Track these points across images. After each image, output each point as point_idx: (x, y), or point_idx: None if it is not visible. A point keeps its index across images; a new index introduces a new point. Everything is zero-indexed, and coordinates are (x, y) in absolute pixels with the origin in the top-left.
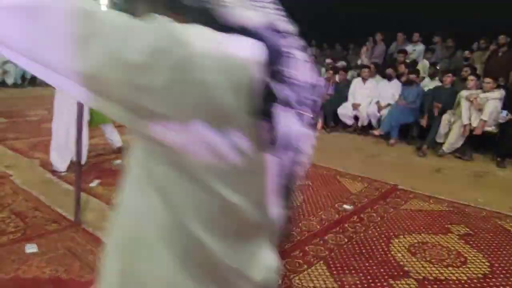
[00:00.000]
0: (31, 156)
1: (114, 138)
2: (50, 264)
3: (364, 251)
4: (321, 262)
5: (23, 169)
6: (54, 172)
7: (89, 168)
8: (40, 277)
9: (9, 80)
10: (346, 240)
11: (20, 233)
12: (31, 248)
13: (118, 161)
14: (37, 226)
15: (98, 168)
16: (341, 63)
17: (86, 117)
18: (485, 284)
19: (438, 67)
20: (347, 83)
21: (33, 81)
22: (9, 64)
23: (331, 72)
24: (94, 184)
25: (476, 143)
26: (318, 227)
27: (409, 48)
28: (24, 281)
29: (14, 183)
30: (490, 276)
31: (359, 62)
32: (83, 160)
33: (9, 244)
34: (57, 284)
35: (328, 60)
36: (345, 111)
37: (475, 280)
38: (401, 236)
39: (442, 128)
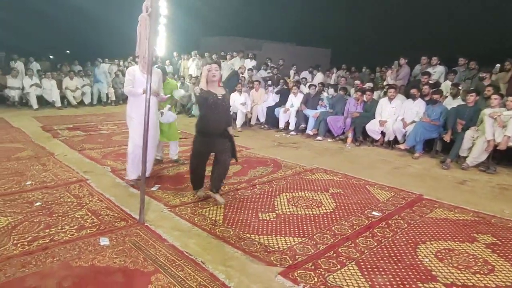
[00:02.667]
0: (103, 163)
1: (173, 152)
2: (119, 256)
3: (392, 254)
4: (353, 263)
5: (98, 174)
6: (127, 180)
7: (151, 175)
8: (112, 266)
9: (86, 100)
10: (375, 243)
11: (95, 228)
12: (104, 241)
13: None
14: (109, 223)
15: (158, 175)
16: (368, 85)
17: (153, 136)
18: None
19: (460, 87)
20: (374, 102)
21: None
22: (86, 87)
23: (359, 92)
24: (154, 188)
25: (500, 157)
26: (350, 231)
27: (431, 70)
28: (99, 268)
29: (91, 186)
30: None
31: (385, 83)
32: (149, 171)
33: (87, 237)
34: (125, 273)
35: (356, 82)
36: (372, 127)
37: (501, 287)
38: (428, 242)
39: (466, 143)
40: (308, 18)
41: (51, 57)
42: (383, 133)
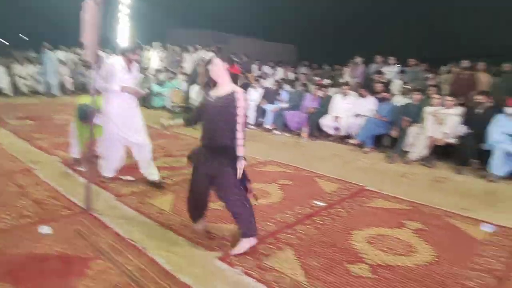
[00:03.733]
0: (53, 153)
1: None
2: (60, 244)
3: (328, 240)
4: (289, 248)
5: (46, 164)
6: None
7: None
8: (50, 253)
9: (40, 88)
10: (314, 231)
11: (38, 217)
12: (45, 230)
13: None
14: (52, 212)
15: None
16: (326, 81)
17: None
18: (427, 269)
19: (408, 87)
20: (330, 98)
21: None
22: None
23: (316, 88)
24: (106, 179)
25: (439, 152)
26: (293, 219)
27: (385, 69)
28: (36, 256)
29: (37, 175)
30: (434, 263)
31: (343, 80)
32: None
33: (26, 226)
34: (63, 259)
35: (316, 78)
36: (327, 122)
37: (419, 266)
38: (362, 229)
39: (410, 139)
40: (276, 14)
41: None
42: (336, 128)
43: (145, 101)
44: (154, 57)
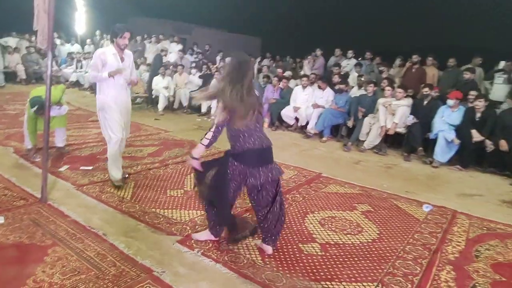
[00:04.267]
0: (6, 144)
1: (61, 138)
2: (14, 232)
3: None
4: (248, 230)
5: None
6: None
7: (60, 155)
8: (4, 242)
9: None
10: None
11: None
12: None
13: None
14: (6, 202)
15: (68, 155)
16: (288, 73)
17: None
18: (372, 246)
19: (363, 79)
20: (290, 90)
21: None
22: None
23: (276, 79)
24: (63, 169)
25: (390, 141)
26: (240, 201)
27: (344, 62)
28: None
29: None
30: (378, 240)
31: (302, 72)
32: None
33: None
34: (19, 247)
35: (278, 70)
36: (287, 113)
37: (365, 243)
38: (316, 212)
39: (364, 129)
40: (240, 5)
41: None
42: (296, 119)
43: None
44: None
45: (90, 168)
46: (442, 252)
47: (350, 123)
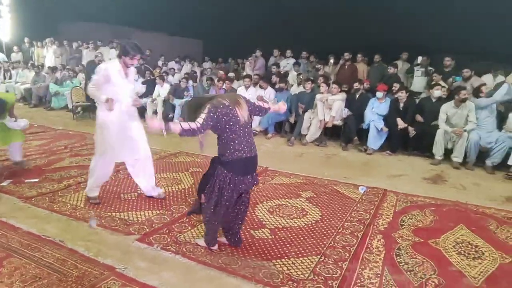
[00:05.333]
0: None
1: (17, 153)
2: None
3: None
4: (202, 224)
5: None
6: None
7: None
8: None
9: None
10: None
11: None
12: None
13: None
14: None
15: (11, 170)
16: (231, 74)
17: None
18: (315, 226)
19: (301, 77)
20: (234, 91)
21: None
22: None
23: (220, 82)
24: (5, 183)
25: (329, 133)
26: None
27: (283, 62)
28: None
29: None
30: (320, 221)
31: (245, 73)
32: (157, 190)
33: None
34: None
35: (220, 72)
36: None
37: (309, 224)
38: (265, 202)
39: (305, 123)
40: (181, 8)
41: None
42: None
43: (43, 102)
44: (49, 55)
45: (36, 180)
46: (374, 225)
47: (292, 119)
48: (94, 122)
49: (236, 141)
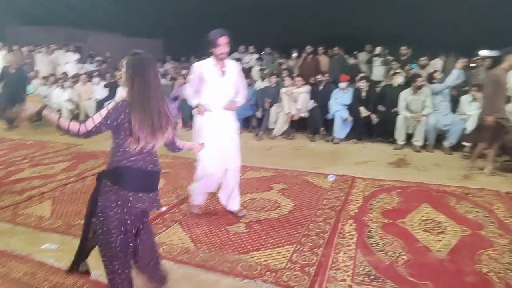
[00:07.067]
0: None
1: None
2: None
3: (210, 210)
4: (177, 223)
5: None
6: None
7: None
8: None
9: None
10: None
11: None
12: None
13: None
14: None
15: None
16: None
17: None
18: (289, 216)
19: (265, 72)
20: None
21: None
22: None
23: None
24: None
25: (296, 126)
26: (176, 200)
27: (246, 57)
28: None
29: None
30: (293, 211)
31: None
32: (236, 204)
33: None
34: None
35: (183, 71)
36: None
37: (283, 215)
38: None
39: (272, 117)
40: (138, 7)
41: None
42: None
43: None
44: None
45: None
46: (345, 211)
47: (259, 114)
48: (55, 129)
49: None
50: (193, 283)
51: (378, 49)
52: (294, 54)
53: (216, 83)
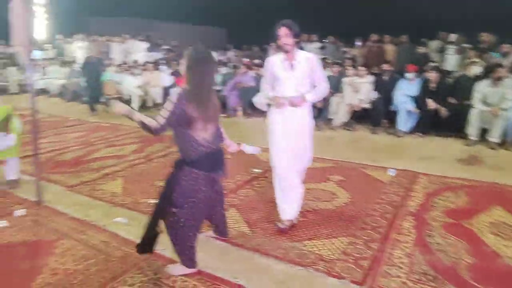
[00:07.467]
0: None
1: (12, 170)
2: (20, 233)
3: (265, 199)
4: (234, 208)
5: None
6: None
7: (47, 162)
8: (13, 241)
9: None
10: (253, 192)
11: None
12: (1, 223)
13: None
14: (4, 209)
15: (55, 160)
16: (258, 61)
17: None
18: (345, 208)
19: (328, 61)
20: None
21: None
22: None
23: (243, 68)
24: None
25: (357, 117)
26: (234, 186)
27: (309, 46)
28: (1, 245)
29: None
30: (349, 203)
31: None
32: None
33: None
34: (28, 244)
35: (245, 59)
36: (260, 100)
37: (338, 207)
38: None
39: (332, 108)
40: None
41: None
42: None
43: (76, 96)
44: (79, 50)
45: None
46: (405, 207)
47: (319, 104)
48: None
49: (198, 138)
50: (247, 265)
51: (452, 36)
52: (358, 43)
53: (284, 77)
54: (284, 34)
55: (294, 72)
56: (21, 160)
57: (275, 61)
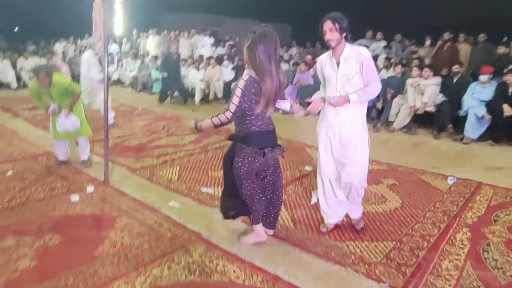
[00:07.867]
0: None
1: (83, 150)
2: (88, 207)
3: (308, 195)
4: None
5: None
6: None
7: (115, 146)
8: (82, 214)
9: None
10: (302, 189)
11: (66, 189)
12: (74, 198)
13: None
14: (77, 185)
15: (121, 146)
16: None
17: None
18: (394, 213)
19: (392, 61)
20: None
21: None
22: None
23: (304, 65)
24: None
25: (420, 120)
26: (284, 182)
27: (374, 45)
28: (72, 216)
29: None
30: (399, 208)
31: None
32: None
33: (59, 196)
34: (94, 217)
35: (308, 57)
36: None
37: (387, 211)
38: None
39: (393, 109)
40: None
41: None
42: None
43: (145, 87)
44: (151, 44)
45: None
46: (461, 217)
47: (379, 105)
48: (186, 106)
49: (253, 116)
50: (287, 259)
51: None
52: (428, 42)
53: (330, 76)
54: (328, 28)
55: (340, 69)
56: (93, 144)
57: (323, 59)
